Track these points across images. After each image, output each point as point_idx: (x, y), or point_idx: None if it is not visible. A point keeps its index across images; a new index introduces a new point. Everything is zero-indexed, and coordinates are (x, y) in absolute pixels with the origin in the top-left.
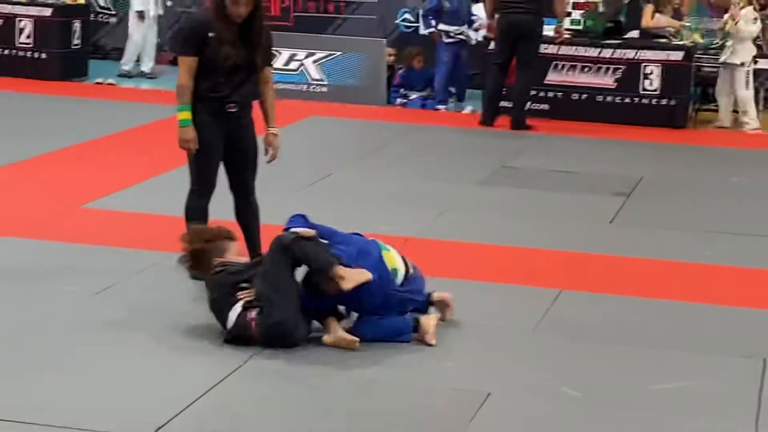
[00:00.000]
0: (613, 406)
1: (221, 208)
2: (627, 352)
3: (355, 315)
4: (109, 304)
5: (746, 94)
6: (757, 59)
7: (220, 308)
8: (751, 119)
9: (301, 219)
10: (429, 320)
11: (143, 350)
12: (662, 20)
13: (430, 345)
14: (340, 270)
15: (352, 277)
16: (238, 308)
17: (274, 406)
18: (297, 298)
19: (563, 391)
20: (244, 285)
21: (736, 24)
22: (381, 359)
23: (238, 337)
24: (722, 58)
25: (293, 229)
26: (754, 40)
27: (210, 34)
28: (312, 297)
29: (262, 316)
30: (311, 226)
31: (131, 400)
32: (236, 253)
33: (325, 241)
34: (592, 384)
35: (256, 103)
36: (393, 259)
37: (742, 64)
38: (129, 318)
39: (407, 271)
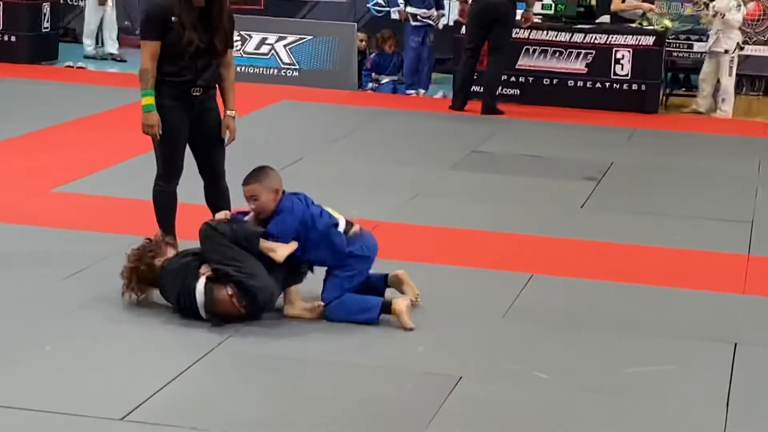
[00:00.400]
0: (584, 390)
1: (191, 191)
2: (598, 336)
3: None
4: (79, 288)
5: (729, 82)
6: (743, 46)
7: (187, 291)
8: (728, 107)
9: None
10: (401, 302)
11: (114, 334)
12: (632, 2)
13: (406, 329)
14: (267, 244)
15: (282, 249)
16: (203, 281)
17: (246, 390)
18: (257, 260)
19: (534, 375)
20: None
21: (723, 19)
22: (353, 343)
23: (214, 313)
24: (708, 46)
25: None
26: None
27: (173, 18)
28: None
29: (247, 293)
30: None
31: (102, 384)
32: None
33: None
34: (563, 368)
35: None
36: (332, 210)
37: (726, 52)
38: (100, 302)
39: (350, 225)
